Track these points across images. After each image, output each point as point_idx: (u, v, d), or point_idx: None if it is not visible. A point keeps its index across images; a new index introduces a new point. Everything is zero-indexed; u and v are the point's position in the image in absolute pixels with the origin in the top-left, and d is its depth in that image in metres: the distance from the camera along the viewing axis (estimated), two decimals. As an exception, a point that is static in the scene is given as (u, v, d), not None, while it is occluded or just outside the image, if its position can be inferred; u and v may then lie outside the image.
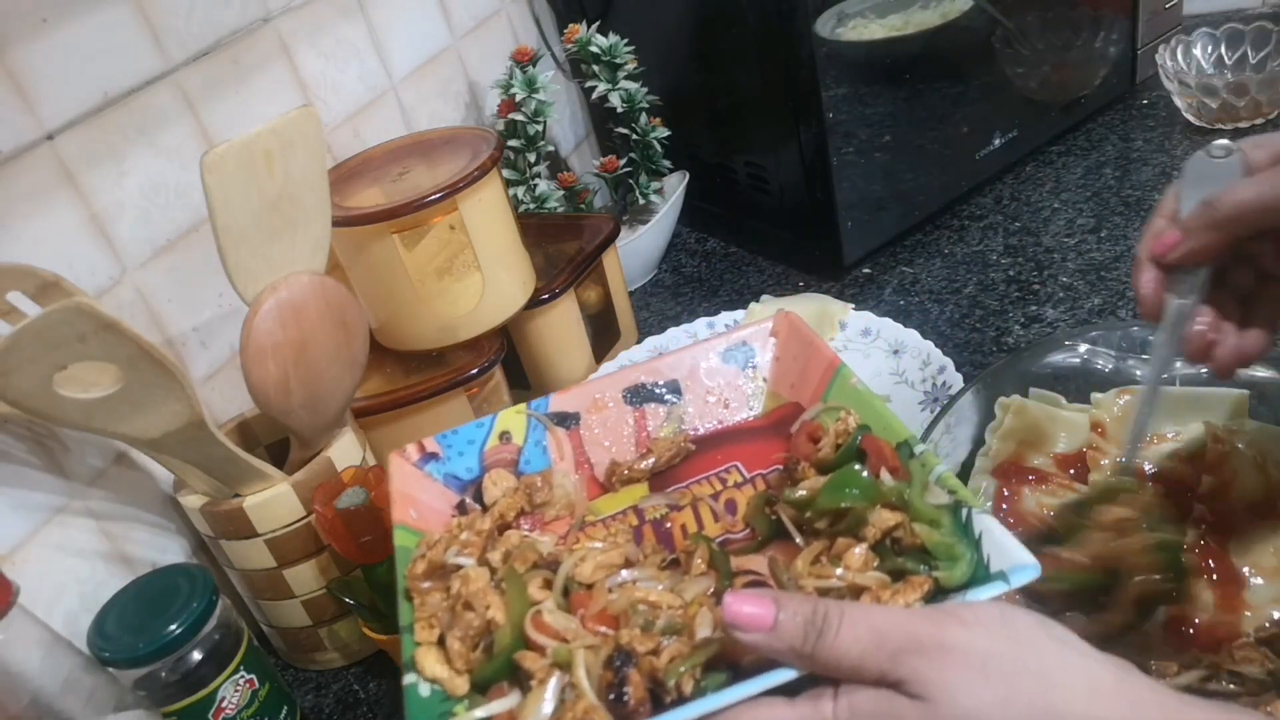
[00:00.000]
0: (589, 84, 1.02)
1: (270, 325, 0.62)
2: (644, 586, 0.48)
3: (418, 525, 0.55)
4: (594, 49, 0.99)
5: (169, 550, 0.72)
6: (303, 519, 0.67)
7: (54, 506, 0.65)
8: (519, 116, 0.97)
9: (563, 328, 0.88)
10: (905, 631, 0.38)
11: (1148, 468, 0.62)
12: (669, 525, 0.56)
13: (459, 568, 0.51)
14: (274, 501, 0.65)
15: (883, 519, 0.47)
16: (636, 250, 1.04)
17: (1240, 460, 0.59)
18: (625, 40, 1.00)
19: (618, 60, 1.00)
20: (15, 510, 0.62)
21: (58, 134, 0.65)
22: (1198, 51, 1.06)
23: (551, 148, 1.11)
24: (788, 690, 0.40)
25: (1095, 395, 0.65)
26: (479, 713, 0.44)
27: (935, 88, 0.95)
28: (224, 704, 0.62)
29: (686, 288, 1.05)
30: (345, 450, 0.69)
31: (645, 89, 1.02)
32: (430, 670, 0.47)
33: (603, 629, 0.47)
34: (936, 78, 0.95)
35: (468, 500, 0.59)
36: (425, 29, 1.00)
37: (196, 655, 0.60)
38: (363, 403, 0.77)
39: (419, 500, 0.57)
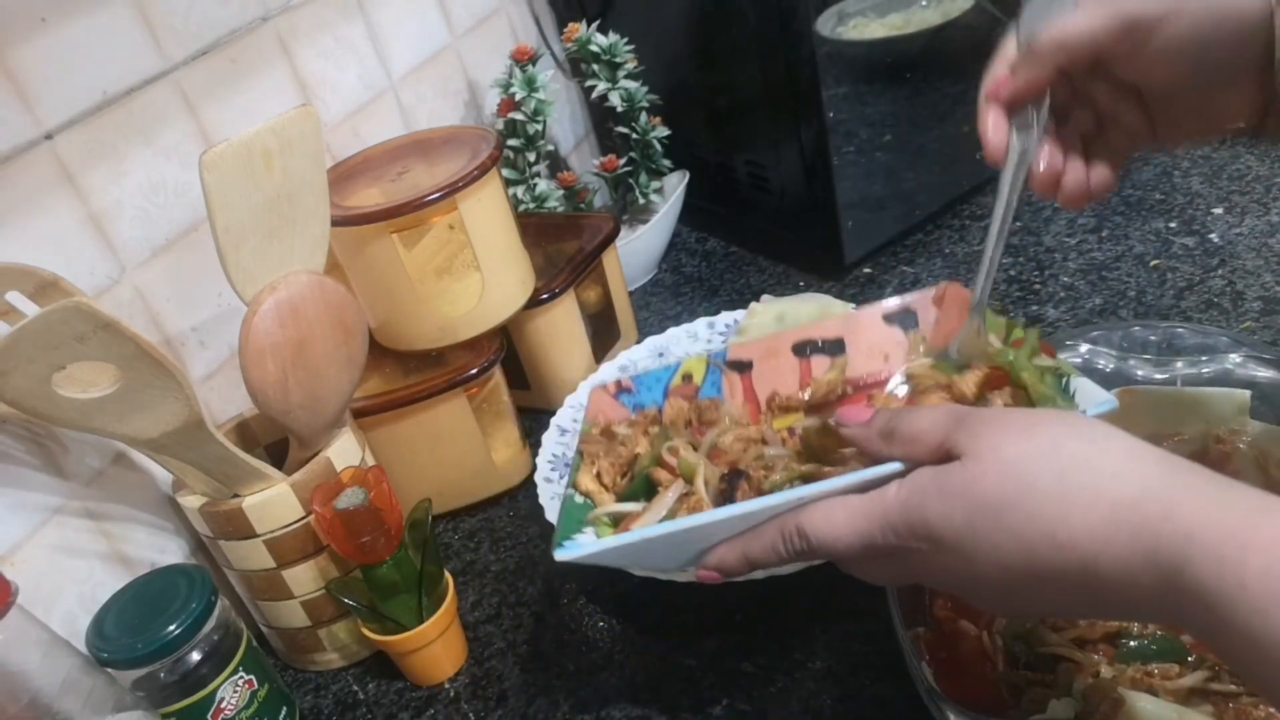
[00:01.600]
0: (589, 83, 1.02)
1: (269, 325, 0.62)
2: (773, 453, 0.58)
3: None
4: (594, 48, 0.99)
5: (168, 551, 0.72)
6: (302, 519, 0.66)
7: (52, 507, 0.65)
8: (519, 116, 0.97)
9: (562, 327, 0.88)
10: (969, 410, 0.42)
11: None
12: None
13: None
14: (273, 502, 0.65)
15: (979, 375, 0.55)
16: (636, 250, 1.04)
17: (1242, 461, 0.58)
18: (625, 39, 1.00)
19: (617, 59, 1.00)
20: (14, 510, 0.62)
21: (56, 133, 0.65)
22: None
23: (551, 147, 1.11)
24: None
25: (1097, 395, 0.65)
26: (613, 507, 0.58)
27: (936, 86, 0.95)
28: (223, 705, 0.62)
29: (686, 287, 1.05)
30: (344, 450, 0.69)
31: (645, 88, 1.02)
32: (584, 485, 0.60)
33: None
34: (937, 76, 0.94)
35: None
36: (424, 28, 0.99)
37: (195, 656, 0.60)
38: (362, 403, 0.77)
39: (608, 417, 0.69)
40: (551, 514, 0.74)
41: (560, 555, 0.52)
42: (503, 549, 0.79)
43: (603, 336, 0.94)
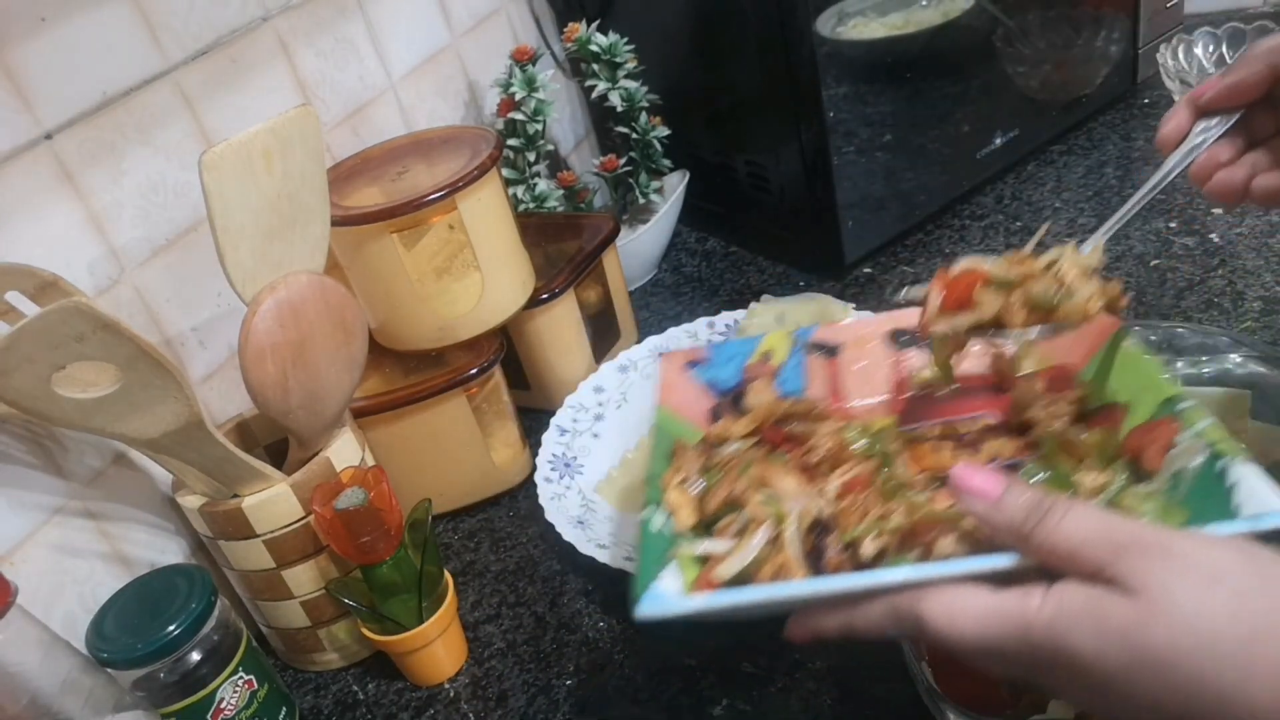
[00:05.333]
0: (589, 83, 1.02)
1: (269, 325, 0.62)
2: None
3: (677, 410, 0.63)
4: (594, 48, 0.99)
5: (168, 551, 0.72)
6: (301, 519, 0.66)
7: (52, 507, 0.65)
8: (518, 115, 0.97)
9: (562, 328, 0.88)
10: (1133, 533, 0.36)
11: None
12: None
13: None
14: (273, 502, 0.65)
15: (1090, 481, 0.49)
16: (636, 250, 1.04)
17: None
18: (625, 39, 1.00)
19: (618, 59, 1.00)
20: (14, 510, 0.62)
21: (56, 133, 0.65)
22: (1199, 51, 1.06)
23: (551, 147, 1.11)
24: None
25: (1097, 395, 0.65)
26: (703, 546, 0.51)
27: (936, 87, 0.95)
28: (223, 705, 0.62)
29: (686, 287, 1.05)
30: (344, 450, 0.69)
31: (645, 88, 1.01)
32: (674, 498, 0.54)
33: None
34: (937, 77, 0.94)
35: (724, 403, 0.64)
36: (424, 28, 0.99)
37: (195, 656, 0.60)
38: (362, 403, 0.77)
39: (681, 394, 0.64)
40: (552, 514, 0.74)
41: (645, 612, 0.45)
42: (503, 549, 0.79)
43: (603, 336, 0.94)
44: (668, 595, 0.47)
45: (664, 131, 1.03)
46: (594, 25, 1.00)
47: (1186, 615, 0.34)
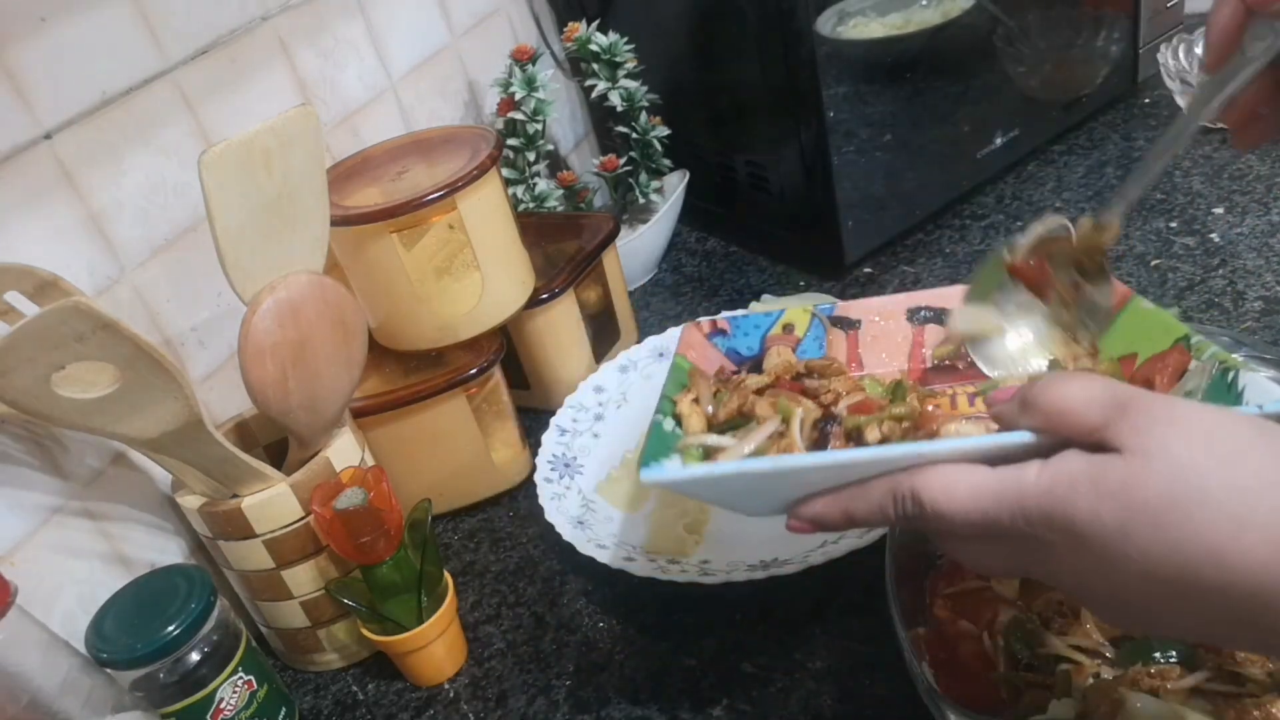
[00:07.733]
0: (589, 83, 1.02)
1: (269, 325, 0.62)
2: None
3: (695, 364, 0.64)
4: (594, 47, 0.99)
5: (167, 551, 0.72)
6: (301, 519, 0.66)
7: (52, 507, 0.64)
8: (518, 115, 0.97)
9: (562, 327, 0.88)
10: (1137, 394, 0.36)
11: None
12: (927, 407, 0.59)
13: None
14: (272, 502, 0.65)
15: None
16: (636, 250, 1.04)
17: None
18: (625, 39, 1.00)
19: (617, 59, 1.00)
20: (13, 511, 0.62)
21: (56, 133, 0.65)
22: (1199, 51, 1.06)
23: (551, 147, 1.11)
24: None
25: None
26: (706, 438, 0.55)
27: (936, 86, 0.95)
28: (222, 705, 0.62)
29: (686, 287, 1.05)
30: (344, 450, 0.69)
31: (645, 88, 1.01)
32: (682, 406, 0.58)
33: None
34: (938, 76, 0.94)
35: (742, 371, 0.66)
36: (424, 27, 0.99)
37: (195, 656, 0.60)
38: (361, 402, 0.77)
39: (700, 356, 0.66)
40: (552, 514, 0.74)
41: (646, 476, 0.48)
42: (502, 549, 0.79)
43: (603, 336, 0.94)
44: (670, 468, 0.51)
45: (664, 131, 1.03)
46: (594, 25, 1.00)
47: (1181, 465, 0.33)
